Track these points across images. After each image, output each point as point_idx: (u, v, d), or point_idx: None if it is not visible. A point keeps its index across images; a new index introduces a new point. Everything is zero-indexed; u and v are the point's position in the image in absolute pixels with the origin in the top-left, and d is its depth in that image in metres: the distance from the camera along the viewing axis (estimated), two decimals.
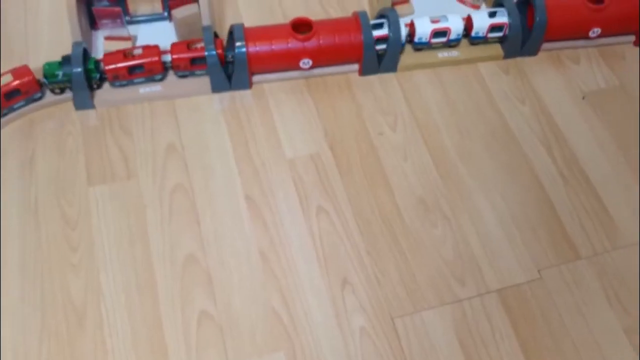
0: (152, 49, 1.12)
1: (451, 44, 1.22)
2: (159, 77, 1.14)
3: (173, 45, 1.14)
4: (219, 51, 1.12)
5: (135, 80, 1.13)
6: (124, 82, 1.13)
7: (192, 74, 1.15)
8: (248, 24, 1.19)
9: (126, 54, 1.12)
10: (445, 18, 1.19)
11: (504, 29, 1.21)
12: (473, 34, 1.22)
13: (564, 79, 1.24)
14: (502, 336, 0.94)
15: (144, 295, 0.95)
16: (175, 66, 1.14)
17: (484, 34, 1.22)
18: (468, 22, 1.22)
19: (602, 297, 0.98)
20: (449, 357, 0.92)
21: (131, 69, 1.12)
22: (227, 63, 1.14)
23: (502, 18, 1.21)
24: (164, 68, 1.14)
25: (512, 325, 0.95)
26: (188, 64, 1.13)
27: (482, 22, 1.21)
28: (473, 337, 0.94)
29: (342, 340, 0.93)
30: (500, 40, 1.24)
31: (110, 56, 1.12)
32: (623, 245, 1.03)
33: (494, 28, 1.21)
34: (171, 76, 1.16)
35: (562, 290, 0.99)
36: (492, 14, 1.21)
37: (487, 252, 1.01)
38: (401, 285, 0.98)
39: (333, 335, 0.93)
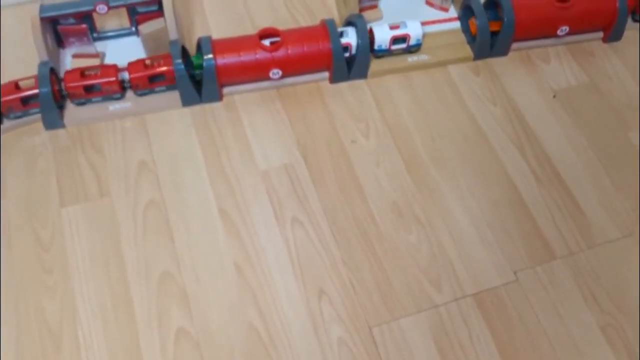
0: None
1: (411, 50, 1.22)
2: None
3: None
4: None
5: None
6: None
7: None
8: (217, 35, 1.19)
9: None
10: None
11: (407, 40, 1.20)
12: (376, 47, 1.20)
13: (535, 79, 1.24)
14: (479, 340, 0.94)
15: (120, 315, 0.95)
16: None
17: (387, 47, 1.20)
18: (370, 35, 1.19)
19: (578, 296, 0.99)
20: None
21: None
22: (191, 76, 1.14)
23: (404, 30, 1.19)
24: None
25: (489, 329, 0.95)
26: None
27: (383, 35, 1.19)
28: (451, 342, 0.94)
29: (321, 352, 0.93)
30: (409, 51, 1.23)
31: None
32: (597, 244, 1.04)
33: (396, 40, 1.20)
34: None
35: (538, 291, 0.99)
36: (393, 27, 1.19)
37: (462, 256, 1.02)
38: (378, 293, 0.98)
39: (311, 347, 0.93)
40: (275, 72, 1.15)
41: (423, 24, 1.23)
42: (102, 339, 0.93)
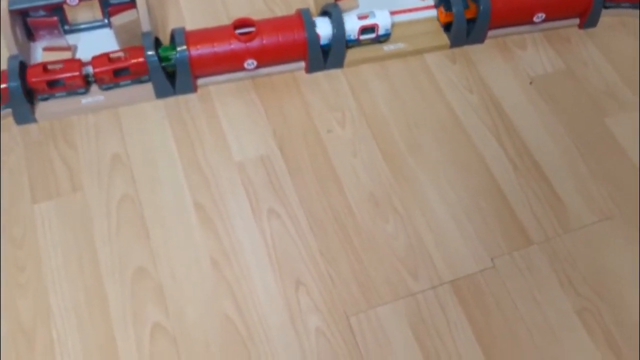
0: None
1: (380, 40, 1.21)
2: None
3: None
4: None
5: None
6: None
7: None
8: (192, 26, 1.17)
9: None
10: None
11: (376, 30, 1.19)
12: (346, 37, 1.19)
13: (511, 66, 1.24)
14: (457, 327, 0.94)
15: (94, 312, 0.94)
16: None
17: (356, 37, 1.19)
18: None
19: (555, 281, 0.99)
20: (405, 351, 0.92)
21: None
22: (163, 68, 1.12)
23: (372, 19, 1.18)
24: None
25: (466, 316, 0.95)
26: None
27: (351, 25, 1.18)
28: (428, 330, 0.94)
29: (298, 343, 0.92)
30: (378, 41, 1.23)
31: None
32: (574, 229, 1.04)
33: (365, 30, 1.19)
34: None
35: (515, 277, 0.99)
36: (362, 17, 1.19)
37: (439, 245, 1.01)
38: (355, 283, 0.98)
39: (289, 338, 0.93)
40: (250, 63, 1.14)
41: (400, 12, 1.22)
42: (76, 337, 0.92)
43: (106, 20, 1.21)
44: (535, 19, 1.25)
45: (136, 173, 1.07)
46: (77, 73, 1.09)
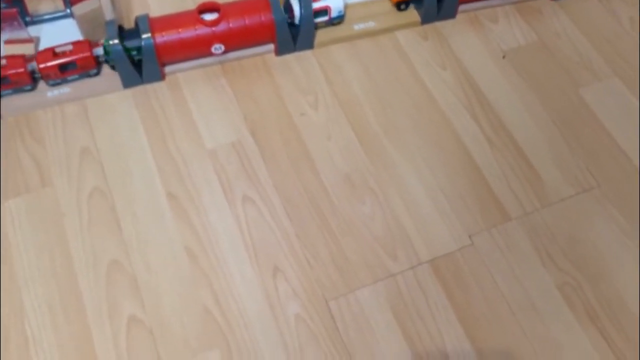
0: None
1: (334, 22, 1.19)
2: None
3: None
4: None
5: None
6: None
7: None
8: (158, 13, 1.15)
9: None
10: None
11: (329, 13, 1.17)
12: (297, 21, 1.15)
13: (484, 40, 1.23)
14: (437, 307, 0.93)
15: (69, 308, 0.92)
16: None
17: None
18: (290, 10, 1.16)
19: (535, 257, 0.98)
20: (386, 333, 0.91)
21: None
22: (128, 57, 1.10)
23: (324, 2, 1.16)
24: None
25: (446, 295, 0.94)
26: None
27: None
28: (409, 310, 0.93)
29: (278, 330, 0.91)
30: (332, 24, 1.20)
31: None
32: (552, 203, 1.03)
33: (317, 13, 1.16)
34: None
35: (494, 253, 0.98)
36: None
37: (416, 224, 1.00)
38: (333, 267, 0.96)
39: (268, 325, 0.91)
40: (218, 47, 1.12)
41: None
42: (51, 334, 0.90)
43: (68, 10, 1.18)
44: None
45: (106, 166, 1.04)
46: (21, 70, 1.06)
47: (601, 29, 1.24)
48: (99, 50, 1.10)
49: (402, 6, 1.22)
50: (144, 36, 1.08)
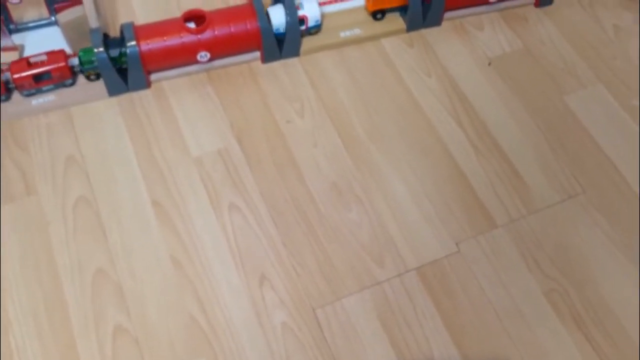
0: None
1: (311, 32, 1.19)
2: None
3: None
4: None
5: None
6: None
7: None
8: (143, 21, 1.15)
9: None
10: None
11: (305, 22, 1.17)
12: (274, 30, 1.15)
13: (469, 47, 1.23)
14: (424, 315, 0.93)
15: (54, 318, 0.91)
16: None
17: (284, 30, 1.16)
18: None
19: (521, 263, 0.98)
20: (373, 341, 0.91)
21: None
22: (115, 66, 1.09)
23: (300, 11, 1.16)
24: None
25: (433, 303, 0.94)
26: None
27: (279, 18, 1.15)
28: (396, 318, 0.93)
29: (264, 338, 0.91)
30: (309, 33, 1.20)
31: None
32: (538, 209, 1.04)
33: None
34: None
35: (481, 261, 0.98)
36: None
37: (403, 231, 1.00)
38: (320, 275, 0.96)
39: (255, 334, 0.91)
40: (203, 55, 1.11)
41: (329, 2, 1.21)
42: (36, 344, 0.89)
43: (53, 18, 1.18)
44: None
45: (91, 174, 1.04)
46: None
47: (585, 36, 1.25)
48: (74, 61, 1.09)
49: (379, 15, 1.22)
50: (129, 44, 1.08)
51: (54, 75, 1.08)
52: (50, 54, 1.08)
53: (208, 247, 0.98)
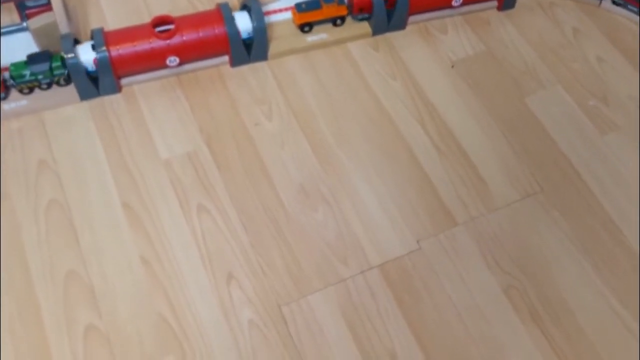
0: None
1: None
2: None
3: None
4: None
5: None
6: None
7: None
8: (114, 26, 1.17)
9: None
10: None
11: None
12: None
13: (433, 50, 1.27)
14: (387, 312, 0.97)
15: (26, 319, 0.93)
16: None
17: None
18: None
19: (481, 261, 1.02)
20: (337, 337, 0.94)
21: None
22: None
23: None
24: None
25: (396, 300, 0.97)
26: None
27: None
28: (359, 315, 0.96)
29: (232, 336, 0.94)
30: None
31: None
32: (497, 208, 1.07)
33: None
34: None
35: (441, 258, 1.02)
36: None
37: (367, 231, 1.03)
38: (287, 273, 0.99)
39: (222, 331, 0.94)
40: (172, 60, 1.14)
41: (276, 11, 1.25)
42: (9, 347, 0.91)
43: (24, 24, 1.19)
44: (454, 3, 1.28)
45: (63, 177, 1.06)
46: None
47: (546, 39, 1.29)
48: (6, 75, 1.11)
49: (306, 28, 1.24)
50: (99, 49, 1.10)
51: None
52: None
53: (177, 248, 1.00)
